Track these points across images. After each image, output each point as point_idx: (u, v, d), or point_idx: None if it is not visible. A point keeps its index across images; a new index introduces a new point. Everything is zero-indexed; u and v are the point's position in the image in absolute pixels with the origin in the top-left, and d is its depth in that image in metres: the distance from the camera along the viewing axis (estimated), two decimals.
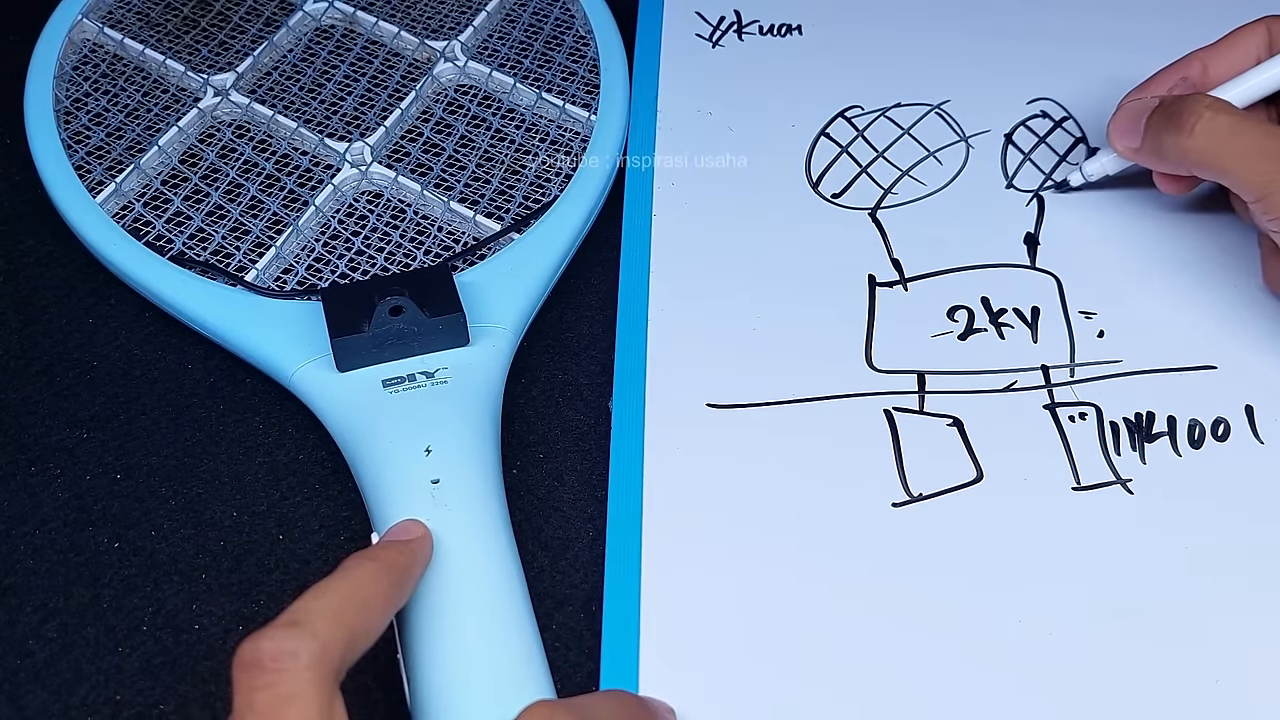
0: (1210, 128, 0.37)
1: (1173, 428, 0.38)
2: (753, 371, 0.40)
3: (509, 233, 0.43)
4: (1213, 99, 0.38)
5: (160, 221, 0.44)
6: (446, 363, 0.38)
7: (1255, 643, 0.34)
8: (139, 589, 0.37)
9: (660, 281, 0.42)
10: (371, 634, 0.29)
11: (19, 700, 0.34)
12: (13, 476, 0.39)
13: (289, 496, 0.39)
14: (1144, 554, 0.35)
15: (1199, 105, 0.37)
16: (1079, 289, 0.42)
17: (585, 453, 0.40)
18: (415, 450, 0.36)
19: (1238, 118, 0.37)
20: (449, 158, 0.46)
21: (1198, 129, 0.37)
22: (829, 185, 0.45)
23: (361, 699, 0.34)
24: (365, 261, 0.43)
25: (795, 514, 0.36)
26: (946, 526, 0.36)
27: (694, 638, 0.34)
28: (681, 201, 0.44)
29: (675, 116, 0.47)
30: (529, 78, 0.49)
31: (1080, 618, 0.34)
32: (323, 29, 0.51)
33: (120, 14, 0.51)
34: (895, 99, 0.48)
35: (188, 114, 0.47)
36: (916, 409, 0.39)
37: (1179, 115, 0.38)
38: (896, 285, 0.42)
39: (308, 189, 0.45)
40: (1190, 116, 0.37)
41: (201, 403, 0.41)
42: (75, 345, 0.42)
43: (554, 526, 0.38)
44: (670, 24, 0.51)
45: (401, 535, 0.33)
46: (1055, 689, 0.33)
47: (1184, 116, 0.37)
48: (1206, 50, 0.41)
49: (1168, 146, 0.38)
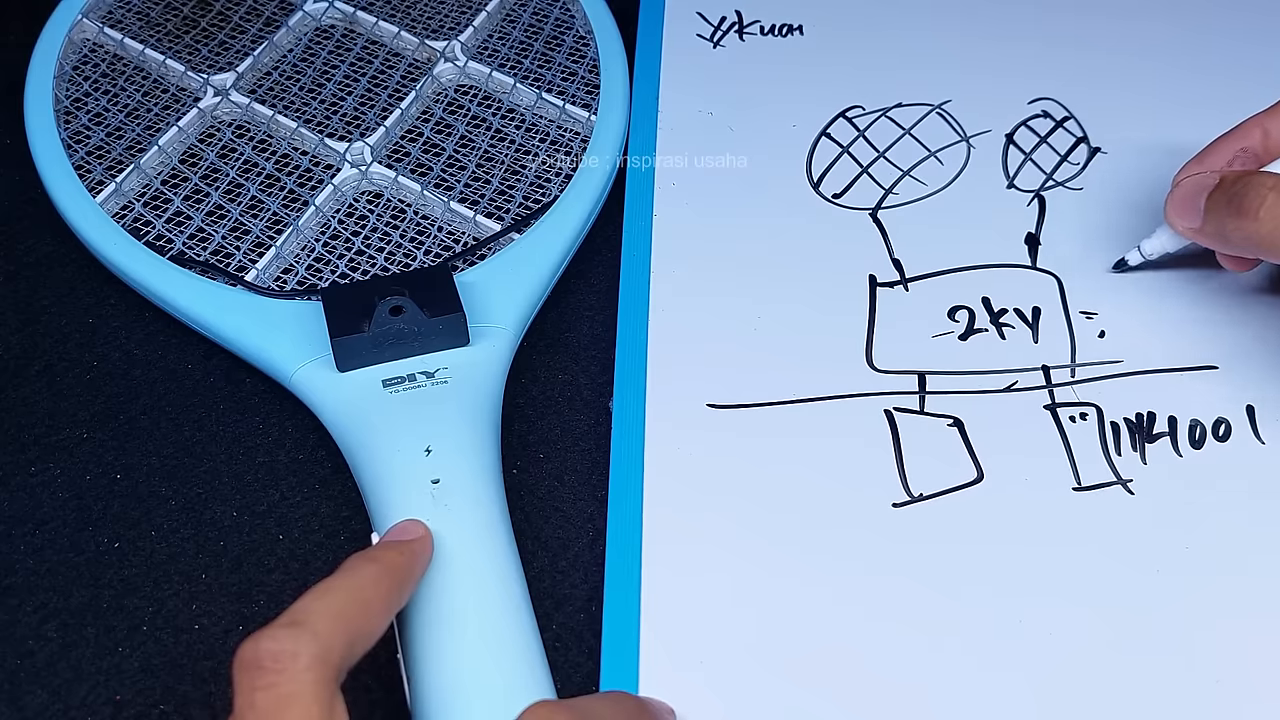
0: (1276, 211, 0.35)
1: (1173, 428, 0.38)
2: (753, 372, 0.40)
3: (509, 233, 0.43)
4: (1277, 178, 0.35)
5: (160, 221, 0.44)
6: (446, 363, 0.38)
7: (1256, 643, 0.34)
8: (139, 589, 0.37)
9: (660, 281, 0.42)
10: (372, 635, 0.29)
11: (19, 700, 0.34)
12: (13, 476, 0.39)
13: (289, 496, 0.39)
14: (1144, 554, 0.35)
15: (1263, 187, 0.35)
16: (1080, 289, 0.42)
17: (585, 453, 0.40)
18: (415, 450, 0.36)
19: None
20: (449, 158, 0.46)
21: (1263, 213, 0.35)
22: (830, 185, 0.45)
23: (361, 699, 0.34)
24: (365, 261, 0.43)
25: (795, 514, 0.36)
26: (947, 527, 0.36)
27: (694, 638, 0.34)
28: (682, 201, 0.44)
29: (676, 116, 0.47)
30: (529, 78, 0.49)
31: (1081, 618, 0.34)
32: (323, 29, 0.51)
33: (120, 14, 0.51)
34: (896, 99, 0.48)
35: (188, 114, 0.47)
36: (917, 409, 0.39)
37: (1242, 198, 0.35)
38: (897, 285, 0.42)
39: (308, 189, 0.45)
40: (1254, 200, 0.35)
41: (201, 403, 0.41)
42: (75, 345, 0.42)
43: (554, 526, 0.38)
44: (671, 24, 0.51)
45: (402, 535, 0.33)
46: (1055, 689, 0.33)
47: (1248, 200, 0.35)
48: (1266, 115, 0.38)
49: (1232, 231, 0.36)
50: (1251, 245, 0.36)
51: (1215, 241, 0.38)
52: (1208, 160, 0.39)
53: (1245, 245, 0.36)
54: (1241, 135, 0.38)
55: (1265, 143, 0.38)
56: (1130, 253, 0.42)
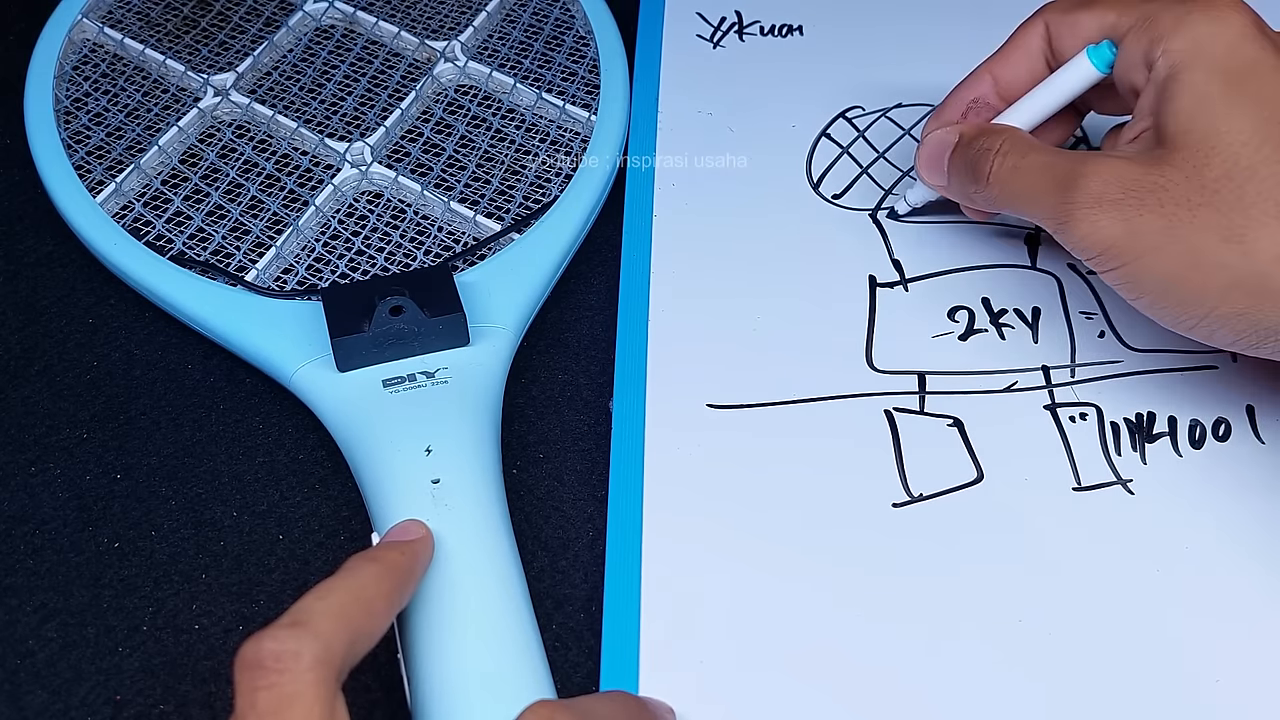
0: (1001, 173, 0.36)
1: (1173, 428, 0.38)
2: (753, 372, 0.40)
3: (509, 233, 0.43)
4: (1002, 139, 0.37)
5: (160, 221, 0.44)
6: (447, 363, 0.38)
7: (1255, 642, 0.34)
8: (139, 589, 0.37)
9: (660, 282, 0.42)
10: (373, 635, 0.29)
11: (19, 700, 0.34)
12: (13, 476, 0.39)
13: (289, 496, 0.39)
14: (1144, 554, 0.35)
15: (990, 151, 0.37)
16: (1080, 289, 0.42)
17: (585, 453, 0.40)
18: (415, 450, 0.36)
19: (1020, 153, 0.36)
20: (449, 158, 0.46)
21: (993, 178, 0.36)
22: (830, 186, 0.45)
23: (362, 699, 0.34)
24: (365, 261, 0.43)
25: (795, 514, 0.36)
26: (947, 527, 0.36)
27: (694, 638, 0.34)
28: (682, 202, 0.44)
29: (676, 117, 0.47)
30: (529, 78, 0.49)
31: (1080, 618, 0.34)
32: (323, 29, 0.51)
33: (120, 14, 0.51)
34: (896, 99, 0.48)
35: (188, 114, 0.47)
36: (917, 409, 0.39)
37: (975, 165, 0.37)
38: (897, 286, 0.42)
39: (308, 189, 0.45)
40: (984, 164, 0.37)
41: (201, 403, 0.41)
42: (75, 345, 0.42)
43: (554, 526, 0.38)
44: (671, 24, 0.51)
45: (402, 536, 0.33)
46: (1055, 689, 0.33)
47: (980, 167, 0.37)
48: (992, 61, 0.40)
49: (973, 194, 0.38)
50: (991, 206, 0.38)
51: (963, 199, 0.40)
52: (944, 113, 0.40)
53: (987, 206, 0.38)
54: (973, 84, 0.40)
55: (996, 89, 0.39)
56: (897, 202, 0.43)
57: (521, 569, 0.34)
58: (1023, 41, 0.39)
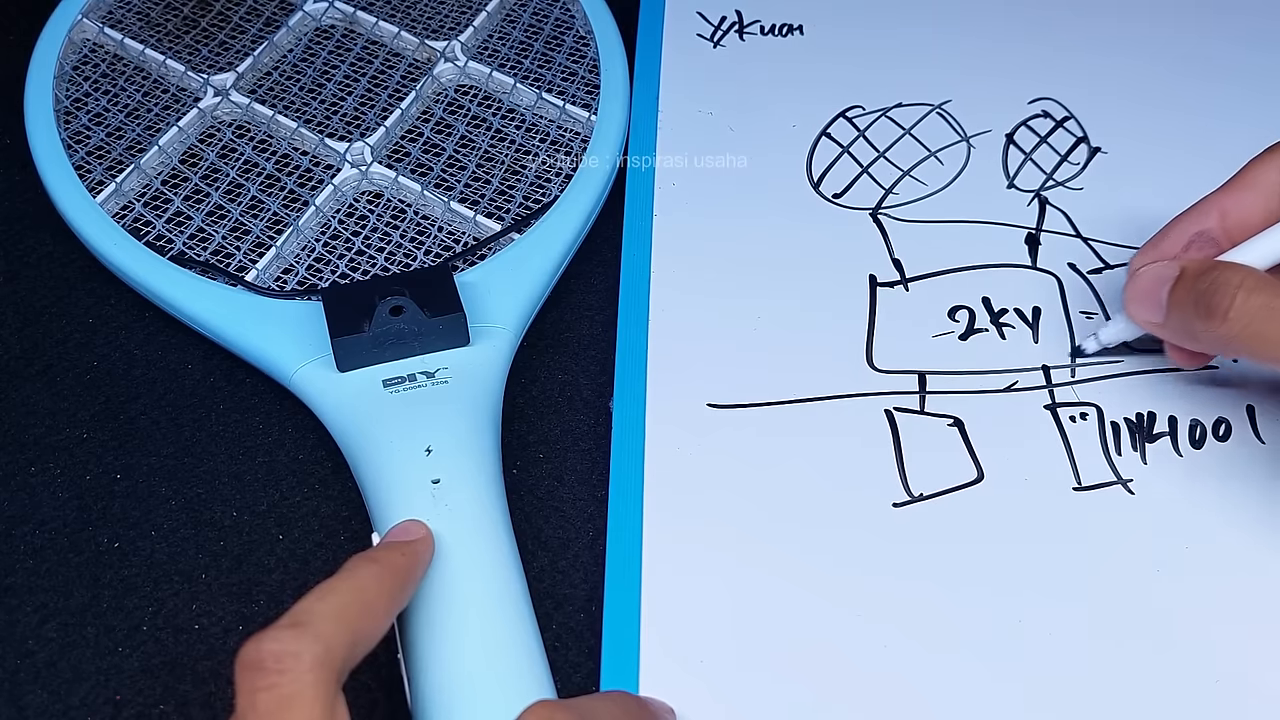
0: (1245, 312, 0.33)
1: (1174, 428, 0.38)
2: (753, 371, 0.40)
3: (509, 233, 0.43)
4: (1243, 275, 0.33)
5: (160, 221, 0.44)
6: (447, 363, 0.38)
7: (1255, 643, 0.34)
8: (139, 589, 0.37)
9: (661, 281, 0.42)
10: (374, 635, 0.29)
11: (19, 700, 0.34)
12: (13, 476, 0.39)
13: (289, 496, 0.39)
14: (1145, 554, 0.35)
15: (1230, 285, 0.33)
16: (1080, 289, 0.42)
17: (585, 453, 0.40)
18: (415, 450, 0.36)
19: (1272, 294, 0.33)
20: (449, 158, 0.46)
21: (1232, 314, 0.33)
22: (830, 185, 0.45)
23: (362, 699, 0.34)
24: (365, 261, 0.43)
25: (795, 514, 0.36)
26: (947, 527, 0.36)
27: (694, 638, 0.34)
28: (682, 201, 0.44)
29: (676, 116, 0.47)
30: (529, 78, 0.49)
31: (1080, 618, 0.34)
32: (323, 29, 0.51)
33: (120, 14, 0.51)
34: (896, 99, 0.48)
35: (188, 114, 0.47)
36: (917, 409, 0.39)
37: (1209, 300, 0.33)
38: (897, 285, 0.42)
39: (308, 189, 0.45)
40: (1223, 299, 0.33)
41: (201, 403, 0.41)
42: (75, 345, 0.42)
43: (554, 526, 0.38)
44: (671, 24, 0.51)
45: (403, 536, 0.33)
46: (1055, 689, 0.33)
47: (1215, 301, 0.33)
48: (1221, 194, 0.36)
49: (1200, 332, 0.34)
50: (1221, 346, 0.34)
51: (1181, 338, 0.36)
52: (1164, 245, 0.37)
53: (1215, 345, 0.35)
54: (1198, 216, 0.37)
55: (1223, 225, 0.36)
56: (1087, 340, 0.40)
57: (521, 569, 0.34)
58: (1256, 178, 0.36)
